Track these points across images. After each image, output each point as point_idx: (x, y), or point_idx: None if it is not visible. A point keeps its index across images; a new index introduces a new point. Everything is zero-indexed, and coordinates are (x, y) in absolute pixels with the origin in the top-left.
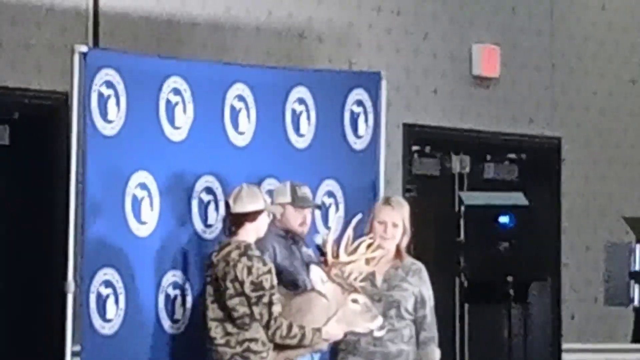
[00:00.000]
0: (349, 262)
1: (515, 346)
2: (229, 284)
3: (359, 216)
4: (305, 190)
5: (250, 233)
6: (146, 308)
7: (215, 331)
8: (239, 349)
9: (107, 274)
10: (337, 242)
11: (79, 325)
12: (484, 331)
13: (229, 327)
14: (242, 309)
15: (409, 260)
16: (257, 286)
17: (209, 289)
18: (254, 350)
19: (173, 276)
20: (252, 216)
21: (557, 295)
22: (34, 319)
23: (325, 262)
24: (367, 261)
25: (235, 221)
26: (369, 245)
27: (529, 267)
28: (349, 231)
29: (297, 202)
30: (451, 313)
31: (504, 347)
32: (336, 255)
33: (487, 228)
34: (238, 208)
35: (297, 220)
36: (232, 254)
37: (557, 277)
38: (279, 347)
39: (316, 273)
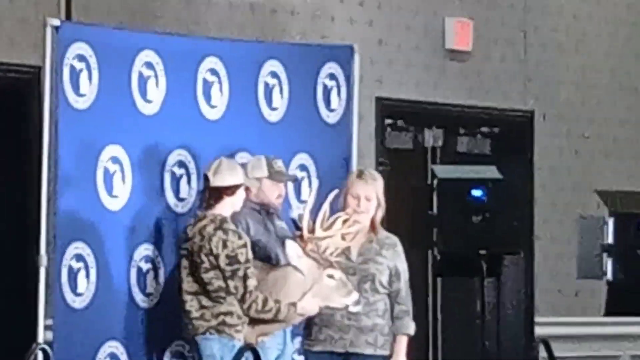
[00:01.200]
0: (324, 238)
1: (488, 319)
2: (204, 258)
3: (335, 191)
4: (280, 164)
5: (227, 207)
6: (118, 282)
7: (191, 304)
8: (214, 322)
9: (79, 247)
10: (313, 217)
11: (51, 299)
12: (456, 304)
13: (204, 301)
14: (217, 283)
15: (383, 234)
16: (232, 260)
17: (184, 263)
18: (229, 324)
19: (145, 250)
20: (231, 190)
21: (530, 269)
22: (7, 293)
23: (301, 237)
24: (343, 236)
25: (214, 195)
26: (345, 221)
27: (502, 240)
28: (325, 206)
29: (275, 175)
30: (424, 286)
31: (476, 320)
32: (312, 231)
33: (460, 201)
34: (218, 181)
35: (274, 193)
36: (207, 228)
37: (530, 250)
38: (254, 322)
39: (292, 248)
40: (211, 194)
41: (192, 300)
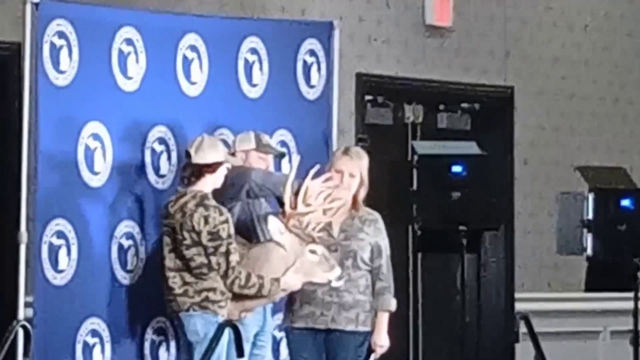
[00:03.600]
0: (306, 213)
1: (468, 295)
2: (185, 234)
3: (317, 167)
4: (268, 139)
5: (208, 184)
6: (99, 259)
7: (173, 281)
8: (197, 299)
9: (60, 224)
10: (295, 193)
11: (31, 276)
12: (437, 280)
13: (187, 277)
14: (200, 259)
15: (365, 210)
16: (214, 236)
17: (166, 239)
18: (212, 300)
19: (126, 227)
20: (212, 167)
21: (510, 244)
22: None
23: (283, 213)
24: (325, 212)
25: (195, 171)
26: (327, 196)
27: (482, 216)
28: (307, 182)
29: (262, 147)
30: (404, 262)
31: (457, 296)
32: (294, 206)
33: (440, 177)
34: (199, 159)
35: (261, 166)
36: (188, 204)
37: (510, 226)
38: (237, 297)
39: (274, 224)
40: (192, 171)
41: (175, 277)
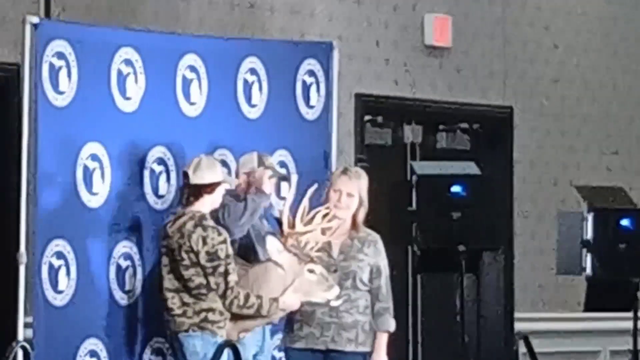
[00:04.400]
0: (304, 232)
1: (468, 315)
2: (184, 255)
3: (315, 186)
4: (272, 161)
5: (206, 204)
6: (98, 279)
7: (172, 302)
8: (196, 319)
9: (59, 245)
10: (293, 212)
11: (31, 296)
12: (436, 300)
13: (186, 298)
14: (198, 280)
15: (364, 231)
16: (213, 256)
17: (164, 260)
18: (211, 320)
19: (124, 247)
20: (210, 187)
21: (510, 264)
22: None
23: (282, 233)
24: (323, 231)
25: (193, 192)
26: (325, 215)
27: (482, 236)
28: (305, 201)
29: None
30: (404, 282)
31: (456, 316)
32: (292, 226)
33: (440, 197)
34: (197, 179)
35: (266, 188)
36: (186, 225)
37: (509, 246)
38: (236, 318)
39: (272, 243)
40: (191, 192)
41: (174, 298)
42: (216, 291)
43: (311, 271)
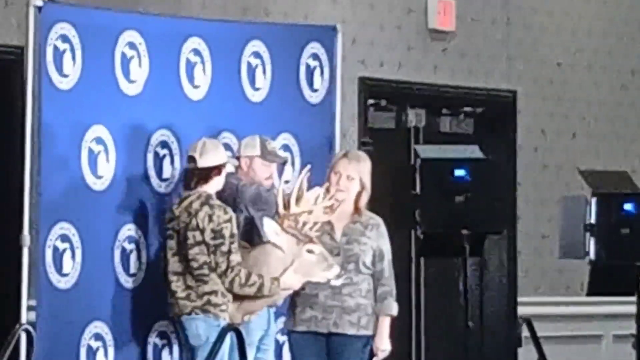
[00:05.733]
0: (300, 213)
1: (471, 299)
2: (189, 234)
3: (308, 167)
4: (274, 145)
5: (213, 186)
6: (102, 262)
7: (176, 285)
8: (199, 302)
9: (64, 228)
10: (288, 193)
11: (34, 280)
12: (439, 284)
13: (189, 281)
14: (203, 258)
15: (367, 214)
16: (217, 234)
17: (170, 243)
18: (214, 303)
19: (129, 230)
20: (218, 169)
21: (513, 249)
22: None
23: (278, 214)
24: (322, 210)
25: (202, 175)
26: (322, 195)
27: (485, 220)
28: (299, 182)
29: (267, 155)
30: (407, 266)
31: (459, 300)
32: (287, 207)
33: (443, 181)
34: (206, 162)
35: (264, 173)
36: (193, 204)
37: (512, 230)
38: (238, 299)
39: (269, 225)
40: (200, 175)
41: (178, 281)
42: (217, 269)
43: (310, 251)
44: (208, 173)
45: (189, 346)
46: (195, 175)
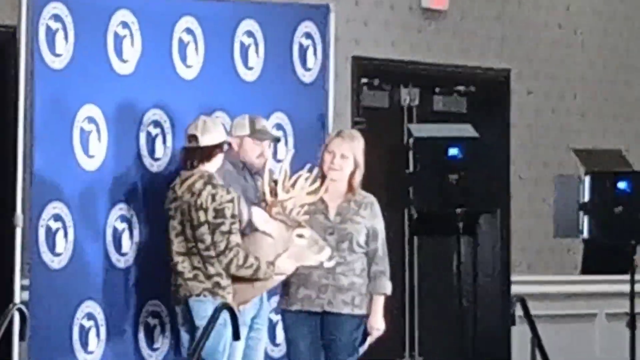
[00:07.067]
0: (288, 199)
1: (465, 278)
2: (193, 214)
3: (292, 152)
4: (264, 123)
5: (214, 164)
6: (94, 242)
7: (183, 265)
8: (208, 284)
9: (57, 207)
10: (274, 179)
11: (28, 259)
12: (433, 263)
13: (196, 261)
14: (209, 238)
15: (361, 194)
16: (219, 213)
17: (172, 223)
18: (222, 286)
19: (120, 210)
20: (220, 147)
21: (507, 227)
22: None
23: (265, 202)
24: (308, 193)
25: (204, 153)
26: (307, 178)
27: (479, 199)
28: (284, 167)
29: (256, 134)
30: (400, 245)
31: (453, 279)
32: (275, 194)
33: (437, 160)
34: (208, 140)
35: (255, 152)
36: (196, 184)
37: (506, 208)
38: (235, 282)
39: (258, 214)
40: (201, 153)
41: (184, 262)
42: (216, 249)
43: (300, 236)
44: (210, 151)
45: (193, 327)
46: (197, 154)
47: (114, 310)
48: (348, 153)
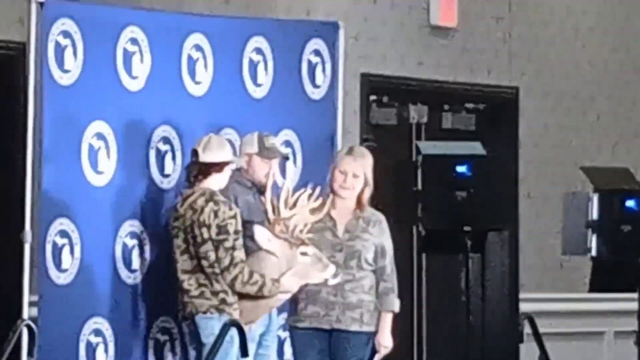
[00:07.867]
0: (290, 217)
1: (473, 296)
2: (196, 231)
3: (297, 169)
4: (273, 141)
5: (213, 183)
6: (103, 258)
7: (189, 283)
8: (215, 301)
9: (63, 223)
10: (277, 197)
11: (36, 275)
12: (441, 281)
13: (202, 279)
14: (213, 255)
15: (369, 211)
16: (222, 230)
17: (177, 242)
18: (228, 302)
19: (130, 226)
20: (219, 167)
21: (515, 245)
22: None
23: (269, 220)
24: (311, 211)
25: (202, 170)
26: (310, 196)
27: (487, 216)
28: (287, 185)
29: (264, 152)
30: (409, 263)
31: (461, 296)
32: (277, 212)
33: (445, 177)
34: (207, 157)
35: (263, 170)
36: (198, 201)
37: (514, 226)
38: (241, 299)
39: (261, 233)
40: (200, 170)
41: (190, 279)
42: (220, 265)
43: (304, 254)
44: (207, 169)
45: (200, 344)
46: (195, 170)
47: (123, 327)
48: (359, 172)
